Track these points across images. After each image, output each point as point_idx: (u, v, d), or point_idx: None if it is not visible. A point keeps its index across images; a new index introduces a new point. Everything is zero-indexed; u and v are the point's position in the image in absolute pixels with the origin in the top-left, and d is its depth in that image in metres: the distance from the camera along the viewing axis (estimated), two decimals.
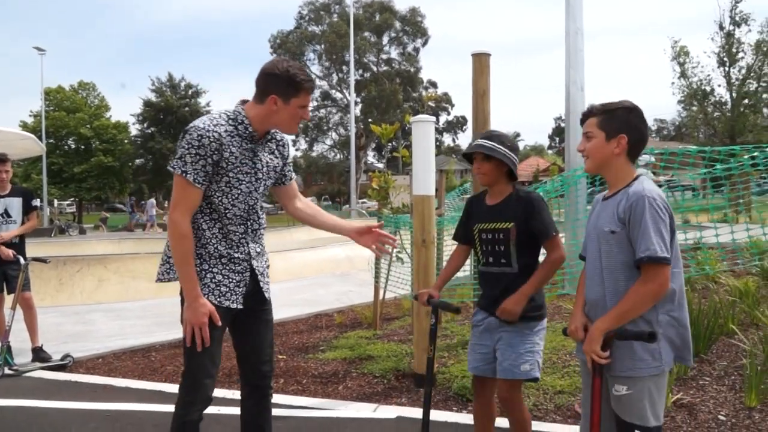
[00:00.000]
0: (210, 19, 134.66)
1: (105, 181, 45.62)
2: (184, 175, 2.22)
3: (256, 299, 2.48)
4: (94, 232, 28.51)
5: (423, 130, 4.25)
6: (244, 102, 2.37)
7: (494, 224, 2.60)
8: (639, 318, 1.96)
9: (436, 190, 5.70)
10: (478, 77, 5.18)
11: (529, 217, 2.53)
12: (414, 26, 48.90)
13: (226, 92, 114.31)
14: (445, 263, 5.81)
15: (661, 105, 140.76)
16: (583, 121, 2.15)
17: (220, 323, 2.30)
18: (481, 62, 5.19)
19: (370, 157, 62.69)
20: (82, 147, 46.30)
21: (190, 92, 49.15)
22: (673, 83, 37.22)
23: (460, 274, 6.64)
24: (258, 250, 2.48)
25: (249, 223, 2.42)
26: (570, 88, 7.83)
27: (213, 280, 2.34)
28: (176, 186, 2.25)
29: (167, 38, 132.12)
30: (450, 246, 6.50)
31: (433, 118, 4.23)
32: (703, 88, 35.29)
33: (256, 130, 2.34)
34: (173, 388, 4.54)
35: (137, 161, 49.12)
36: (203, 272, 2.33)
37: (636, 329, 1.90)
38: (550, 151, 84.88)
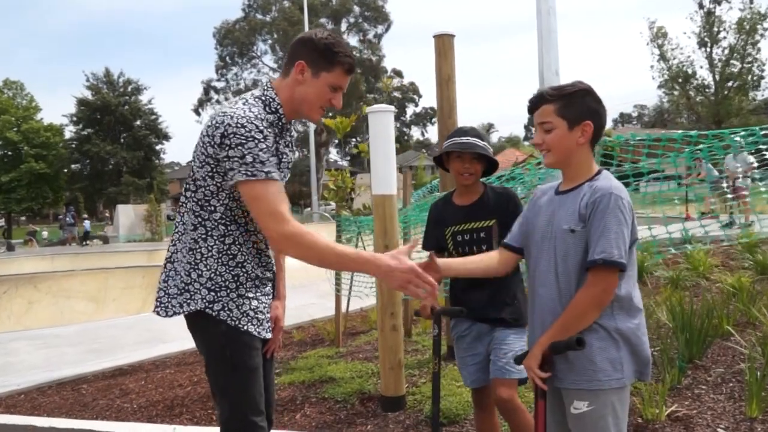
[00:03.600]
0: (149, 11, 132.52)
1: (37, 190, 44.43)
2: (269, 176, 1.93)
3: None
4: (24, 248, 27.65)
5: (381, 121, 4.09)
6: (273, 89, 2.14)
7: (472, 224, 2.67)
8: (598, 326, 1.91)
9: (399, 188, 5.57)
10: (441, 61, 5.06)
11: (512, 213, 2.53)
12: (375, 11, 48.83)
13: (169, 88, 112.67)
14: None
15: (640, 90, 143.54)
16: (532, 110, 2.06)
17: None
18: (444, 44, 5.07)
19: (333, 154, 62.47)
20: (10, 153, 45.02)
21: (129, 89, 48.27)
22: (652, 67, 37.95)
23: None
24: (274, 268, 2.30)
25: None
26: (544, 72, 7.76)
27: (251, 307, 2.10)
28: (263, 195, 1.92)
29: (103, 31, 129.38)
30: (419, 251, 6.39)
31: (393, 108, 4.09)
32: (684, 70, 36.09)
33: (284, 115, 2.11)
34: (104, 426, 4.30)
35: (73, 167, 47.92)
36: (240, 298, 2.09)
37: (565, 339, 1.87)
38: (526, 143, 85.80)
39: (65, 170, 47.30)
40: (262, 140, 1.94)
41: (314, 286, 10.17)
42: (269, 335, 2.17)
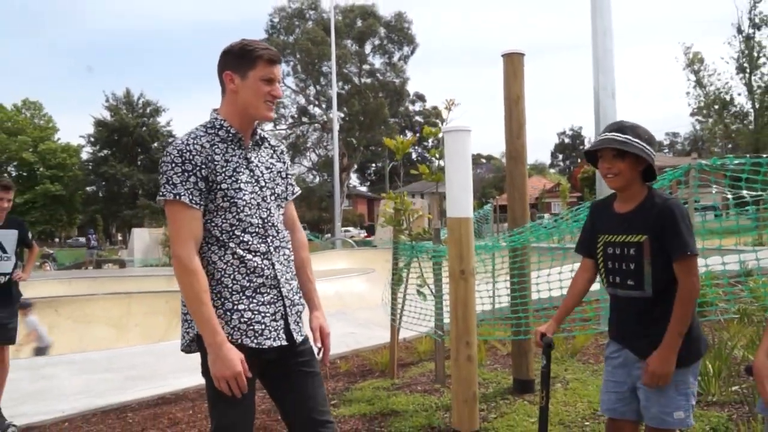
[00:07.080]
0: (171, 31, 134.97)
1: (52, 212, 45.03)
2: (177, 198, 2.14)
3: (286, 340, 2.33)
4: (38, 271, 27.83)
5: (459, 140, 4.07)
6: (216, 110, 2.38)
7: (624, 237, 2.43)
8: None
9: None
10: (511, 81, 5.07)
11: (669, 229, 2.30)
12: (400, 33, 49.42)
13: (188, 111, 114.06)
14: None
15: (672, 116, 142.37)
16: None
17: (249, 374, 2.17)
18: (513, 63, 5.09)
19: (353, 179, 62.65)
20: (25, 174, 45.77)
21: (148, 110, 49.04)
22: (688, 93, 37.70)
23: (479, 308, 6.38)
24: (286, 274, 2.35)
25: (269, 240, 2.29)
26: (599, 94, 7.77)
27: (242, 320, 2.21)
28: (171, 217, 2.17)
29: (123, 50, 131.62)
30: (480, 280, 6.31)
31: (471, 127, 4.06)
32: (721, 97, 35.93)
33: (238, 130, 2.30)
34: None
35: (88, 189, 48.57)
36: (228, 313, 2.21)
37: None
38: (552, 170, 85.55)
39: (80, 192, 47.93)
40: (180, 164, 2.14)
41: (352, 314, 10.12)
42: (278, 343, 2.26)
